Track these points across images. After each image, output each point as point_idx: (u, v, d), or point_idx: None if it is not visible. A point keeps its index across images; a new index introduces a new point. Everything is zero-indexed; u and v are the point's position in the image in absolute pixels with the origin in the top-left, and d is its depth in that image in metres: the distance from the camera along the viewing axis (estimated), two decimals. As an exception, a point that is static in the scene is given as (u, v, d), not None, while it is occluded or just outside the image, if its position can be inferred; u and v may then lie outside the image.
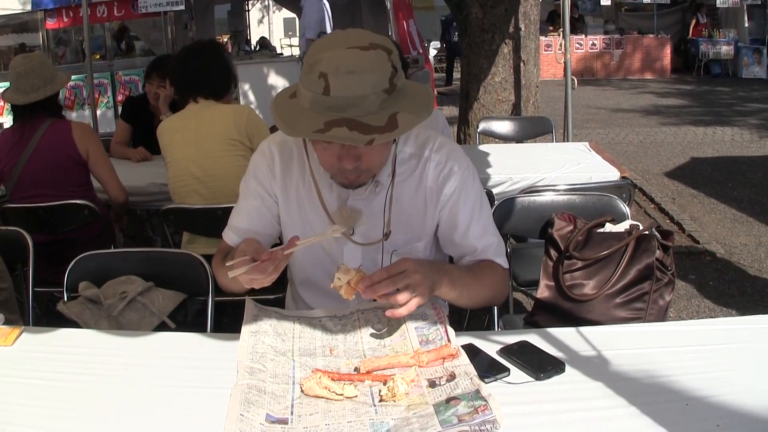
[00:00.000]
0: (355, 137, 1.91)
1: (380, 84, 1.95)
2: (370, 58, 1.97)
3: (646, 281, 2.61)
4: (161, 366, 2.11)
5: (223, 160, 4.01)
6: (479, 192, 2.43)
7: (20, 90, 4.32)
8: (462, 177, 2.36)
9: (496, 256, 2.42)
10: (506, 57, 7.77)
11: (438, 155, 2.36)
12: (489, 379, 1.93)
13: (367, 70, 1.94)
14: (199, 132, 4.09)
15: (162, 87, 5.57)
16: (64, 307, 2.82)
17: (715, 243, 6.76)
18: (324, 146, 2.11)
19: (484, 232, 2.41)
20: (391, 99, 1.98)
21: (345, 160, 2.09)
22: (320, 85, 1.94)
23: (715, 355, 2.07)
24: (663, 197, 8.26)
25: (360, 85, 1.93)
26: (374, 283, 2.00)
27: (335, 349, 2.13)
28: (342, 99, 1.92)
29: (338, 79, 1.92)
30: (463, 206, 2.36)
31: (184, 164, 4.14)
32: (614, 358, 2.06)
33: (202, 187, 4.10)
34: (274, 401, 1.85)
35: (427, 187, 2.36)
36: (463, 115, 8.20)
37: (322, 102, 1.94)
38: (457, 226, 2.38)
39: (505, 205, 3.47)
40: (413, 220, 2.38)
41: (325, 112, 1.94)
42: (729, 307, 5.39)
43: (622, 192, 3.92)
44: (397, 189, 2.33)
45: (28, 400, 1.94)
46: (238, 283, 2.20)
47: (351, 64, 1.94)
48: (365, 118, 1.93)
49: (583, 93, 16.41)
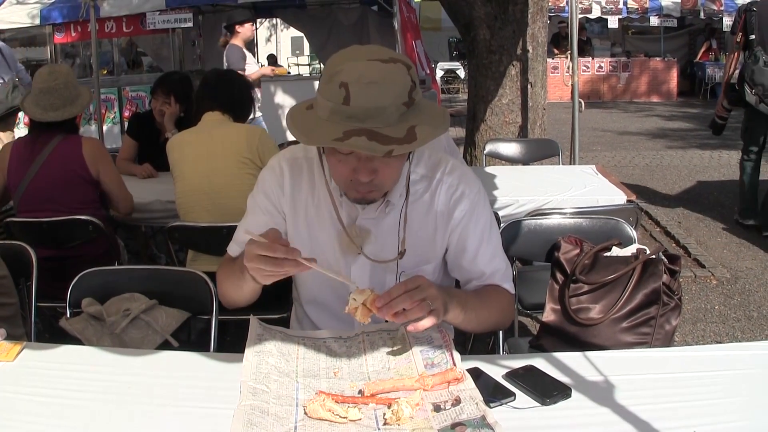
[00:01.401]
0: (374, 147, 1.91)
1: (400, 97, 1.97)
2: (390, 70, 1.98)
3: (653, 306, 2.60)
4: (164, 385, 2.10)
5: (233, 177, 4.02)
6: (489, 216, 2.43)
7: (39, 105, 4.33)
8: (473, 201, 2.36)
9: (504, 281, 2.42)
10: (514, 79, 7.77)
11: (450, 178, 2.36)
12: (494, 404, 1.92)
13: (388, 81, 1.96)
14: (211, 147, 4.12)
15: (167, 104, 5.57)
16: (67, 323, 2.81)
17: (720, 267, 6.74)
18: (339, 158, 2.10)
19: (492, 257, 2.40)
20: (409, 112, 1.99)
21: (361, 172, 2.07)
22: (341, 95, 1.95)
23: (722, 381, 2.06)
24: (669, 221, 8.24)
25: (381, 96, 1.94)
26: (392, 298, 1.97)
27: (339, 371, 2.11)
28: (362, 109, 1.93)
29: (359, 89, 1.93)
30: (473, 231, 2.36)
31: (194, 179, 4.15)
32: (621, 383, 2.04)
33: (210, 203, 4.10)
34: (277, 423, 1.83)
35: (438, 210, 2.36)
36: (470, 136, 8.20)
37: (342, 112, 1.95)
38: (466, 250, 2.37)
39: (512, 228, 3.45)
40: (422, 242, 2.37)
41: (344, 122, 1.94)
42: (735, 332, 5.37)
43: (629, 215, 3.90)
44: (408, 210, 2.32)
45: (29, 416, 1.92)
46: (240, 291, 2.24)
47: (372, 75, 1.95)
48: (384, 129, 1.93)
49: (589, 115, 16.42)
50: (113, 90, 12.83)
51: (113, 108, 12.80)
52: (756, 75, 6.98)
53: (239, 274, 2.19)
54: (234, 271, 2.25)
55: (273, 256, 1.97)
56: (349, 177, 2.12)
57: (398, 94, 1.97)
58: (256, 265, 2.00)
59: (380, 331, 2.30)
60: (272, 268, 1.98)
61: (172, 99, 5.56)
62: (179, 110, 5.61)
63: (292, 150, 2.45)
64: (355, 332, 2.31)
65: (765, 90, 6.94)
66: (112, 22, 11.55)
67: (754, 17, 7.13)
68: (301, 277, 2.48)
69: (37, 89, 4.35)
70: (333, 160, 2.14)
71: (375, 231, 2.33)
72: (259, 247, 1.97)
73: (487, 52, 7.71)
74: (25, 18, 11.98)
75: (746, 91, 7.10)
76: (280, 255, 1.96)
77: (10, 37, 14.14)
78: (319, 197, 2.34)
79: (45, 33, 13.72)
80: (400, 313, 1.99)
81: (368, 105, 1.93)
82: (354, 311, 2.02)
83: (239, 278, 2.20)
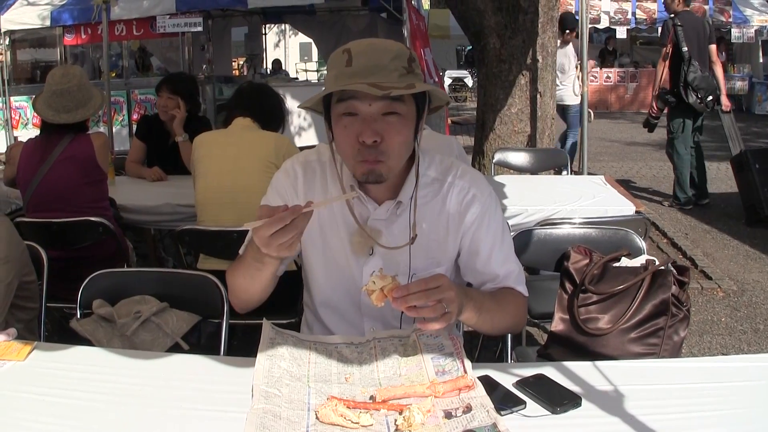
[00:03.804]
0: (374, 90, 2.03)
1: (399, 59, 2.14)
2: (390, 41, 2.22)
3: (662, 317, 2.60)
4: (175, 388, 2.10)
5: (257, 180, 4.04)
6: (501, 219, 2.45)
7: (51, 107, 4.34)
8: (485, 204, 2.38)
9: (517, 283, 2.42)
10: (523, 88, 7.78)
11: (461, 181, 2.38)
12: (505, 412, 1.92)
13: (388, 47, 2.16)
14: (240, 149, 4.19)
15: (171, 100, 5.60)
16: (78, 324, 2.82)
17: (727, 279, 6.73)
18: (345, 124, 2.16)
19: (506, 259, 2.41)
20: (409, 76, 2.15)
21: (366, 133, 2.12)
22: (343, 60, 2.13)
23: (730, 393, 2.06)
24: (676, 232, 8.23)
25: (381, 56, 2.12)
26: (410, 293, 1.97)
27: (351, 376, 2.12)
28: (363, 67, 2.10)
29: (361, 51, 2.13)
30: (486, 233, 2.37)
31: (218, 177, 4.19)
32: (630, 393, 2.04)
33: (231, 201, 4.10)
34: (289, 427, 1.83)
35: (450, 213, 2.37)
36: (479, 145, 8.20)
37: (345, 73, 2.11)
38: (479, 253, 2.38)
39: (521, 237, 3.45)
40: (434, 245, 2.38)
41: (348, 80, 2.10)
42: (741, 344, 5.36)
43: (638, 226, 3.90)
44: (419, 213, 2.33)
45: (39, 416, 1.93)
46: (257, 282, 2.24)
47: (373, 41, 2.20)
48: (384, 82, 2.07)
49: (597, 126, 16.42)
50: (122, 93, 12.90)
51: (122, 111, 12.87)
52: (699, 81, 8.44)
53: (255, 264, 2.17)
54: (248, 264, 2.23)
55: (283, 226, 1.95)
56: (355, 146, 2.16)
57: (397, 56, 2.14)
58: (276, 244, 1.97)
59: (391, 337, 2.31)
60: (291, 234, 1.96)
61: (179, 100, 5.58)
62: (186, 109, 5.65)
63: (305, 153, 2.48)
64: (367, 338, 2.32)
65: (706, 93, 8.49)
66: (122, 25, 11.61)
67: (680, 31, 8.49)
68: (314, 280, 2.49)
69: (49, 91, 4.36)
70: (339, 130, 2.20)
71: (386, 232, 2.34)
72: (268, 227, 1.95)
73: (496, 61, 7.72)
74: (35, 19, 12.05)
75: (689, 95, 8.52)
76: (288, 219, 1.95)
77: (21, 38, 14.22)
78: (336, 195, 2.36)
79: (55, 35, 13.76)
80: (413, 309, 1.99)
81: (369, 63, 2.10)
82: (371, 293, 2.02)
83: (256, 268, 2.18)
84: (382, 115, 2.13)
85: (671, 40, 8.61)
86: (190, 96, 5.75)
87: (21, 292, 2.95)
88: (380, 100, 2.11)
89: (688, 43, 8.44)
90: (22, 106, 13.10)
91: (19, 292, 2.94)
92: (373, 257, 2.34)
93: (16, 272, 2.87)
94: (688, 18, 8.69)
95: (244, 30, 17.74)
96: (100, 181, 4.50)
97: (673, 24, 8.59)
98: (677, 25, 8.53)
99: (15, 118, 13.10)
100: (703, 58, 8.59)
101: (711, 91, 8.54)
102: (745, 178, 8.67)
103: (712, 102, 8.63)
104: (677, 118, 8.93)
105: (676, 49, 8.59)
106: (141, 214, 4.99)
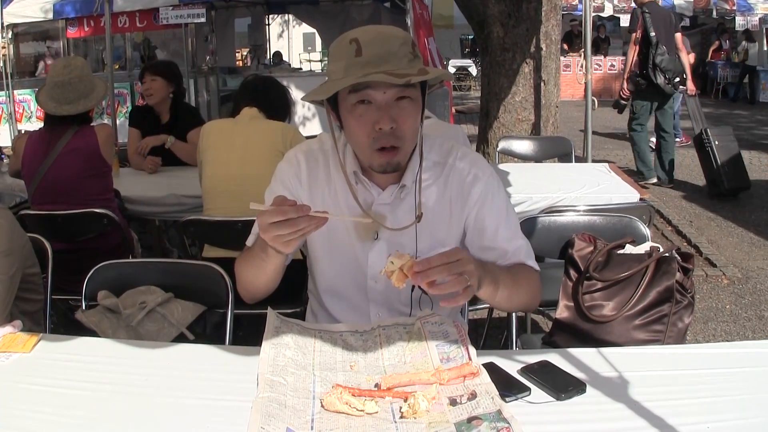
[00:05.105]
0: (392, 79, 2.06)
1: (406, 45, 2.15)
2: (392, 27, 2.26)
3: (666, 303, 2.60)
4: (180, 377, 2.11)
5: (265, 168, 3.99)
6: (505, 197, 2.45)
7: (54, 98, 4.34)
8: (487, 182, 2.38)
9: (528, 258, 2.41)
10: (527, 76, 7.78)
11: (462, 163, 2.39)
12: (510, 398, 1.93)
13: (395, 34, 2.18)
14: (248, 137, 4.19)
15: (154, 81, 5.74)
16: (83, 315, 2.82)
17: (732, 266, 6.73)
18: (360, 113, 2.17)
19: (513, 235, 2.40)
20: (415, 61, 2.16)
21: (383, 120, 2.14)
22: (352, 50, 2.12)
23: (735, 379, 2.06)
24: (680, 220, 8.23)
25: (389, 43, 2.13)
26: (431, 267, 1.96)
27: (356, 364, 2.12)
28: (375, 55, 2.10)
29: (369, 40, 2.12)
30: (490, 210, 2.37)
31: (226, 166, 4.19)
32: (635, 379, 2.05)
33: (239, 189, 4.08)
34: (294, 415, 1.84)
35: (452, 194, 2.38)
36: (483, 134, 8.20)
37: (357, 63, 2.11)
38: (485, 230, 2.37)
39: (526, 225, 3.44)
40: (438, 227, 2.38)
41: (361, 71, 2.09)
42: (746, 331, 5.36)
43: (642, 213, 3.90)
44: (422, 194, 2.34)
45: (45, 407, 1.94)
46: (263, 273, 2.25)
47: (378, 28, 2.21)
48: (398, 70, 2.09)
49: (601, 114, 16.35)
50: (126, 84, 12.87)
51: (126, 102, 12.85)
52: (666, 63, 9.00)
53: (261, 255, 2.19)
54: (254, 255, 2.25)
55: (286, 219, 1.96)
56: (371, 134, 2.17)
57: (403, 41, 2.15)
58: (273, 235, 1.98)
59: (396, 325, 2.31)
60: (289, 230, 1.96)
61: (161, 80, 5.73)
62: (170, 90, 5.79)
63: (308, 143, 2.50)
64: (371, 326, 2.32)
65: (673, 74, 9.07)
66: (125, 17, 11.59)
67: (648, 18, 9.07)
68: (318, 267, 2.50)
69: (51, 82, 4.36)
70: (353, 121, 2.20)
71: (391, 216, 2.35)
72: (270, 215, 1.96)
73: (500, 49, 7.72)
74: (38, 12, 12.04)
75: (657, 76, 9.05)
76: (292, 215, 1.95)
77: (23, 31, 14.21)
78: (336, 187, 2.36)
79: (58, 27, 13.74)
80: (435, 284, 1.98)
81: (380, 51, 2.10)
82: (390, 274, 2.01)
83: (262, 259, 2.20)
84: (395, 101, 2.15)
85: (640, 26, 9.19)
86: (173, 75, 5.88)
87: (25, 284, 2.95)
88: (394, 87, 2.13)
89: (656, 30, 9.03)
90: (26, 99, 13.09)
91: (23, 285, 2.94)
92: (378, 242, 2.35)
93: (19, 265, 2.87)
94: (655, 8, 9.33)
95: (247, 21, 17.75)
96: (104, 173, 4.50)
97: (642, 12, 9.20)
98: (645, 13, 9.13)
99: (19, 112, 13.08)
100: (670, 44, 9.17)
101: (678, 72, 9.18)
102: (705, 154, 9.31)
103: (678, 83, 9.25)
104: (641, 100, 9.57)
105: (645, 35, 9.15)
106: (145, 205, 4.99)
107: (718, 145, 9.21)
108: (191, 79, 13.18)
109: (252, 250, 2.30)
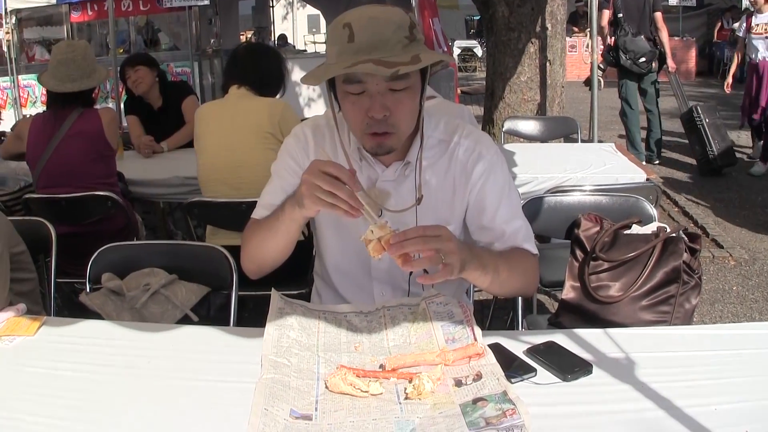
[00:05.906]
0: (380, 70, 2.00)
1: (401, 30, 2.08)
2: (389, 9, 2.14)
3: (673, 284, 2.58)
4: (184, 359, 2.11)
5: (254, 151, 4.01)
6: (507, 177, 2.43)
7: (56, 77, 4.34)
8: (490, 161, 2.37)
9: (525, 241, 2.39)
10: (532, 56, 7.75)
11: (467, 141, 2.38)
12: (516, 379, 1.92)
13: (389, 15, 2.10)
14: (234, 121, 4.11)
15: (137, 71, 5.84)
16: (87, 298, 2.82)
17: (738, 248, 6.71)
18: (353, 101, 2.16)
19: (512, 216, 2.38)
20: (412, 45, 2.09)
21: (374, 108, 2.12)
22: (345, 35, 2.07)
23: (743, 360, 2.04)
24: (687, 201, 8.21)
25: (383, 29, 2.06)
26: (406, 238, 1.93)
27: (360, 345, 2.12)
28: (367, 42, 2.05)
29: (362, 26, 2.07)
30: (491, 189, 2.35)
31: (216, 153, 4.15)
32: (642, 360, 2.03)
33: (232, 176, 4.08)
34: (298, 396, 1.84)
35: (456, 172, 2.37)
36: (488, 114, 8.18)
37: (349, 49, 2.06)
38: (485, 209, 2.36)
39: (532, 205, 3.44)
40: (441, 204, 2.37)
41: (352, 57, 2.05)
42: (752, 313, 5.35)
43: (649, 194, 3.88)
44: (427, 173, 2.34)
45: (50, 390, 1.94)
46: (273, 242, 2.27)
47: (372, 12, 2.10)
48: (390, 57, 2.03)
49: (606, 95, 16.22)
50: (130, 69, 12.85)
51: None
52: (628, 44, 9.32)
53: (275, 223, 2.21)
54: (267, 222, 2.27)
55: (336, 175, 1.97)
56: (364, 120, 2.16)
57: (399, 26, 2.08)
58: (316, 181, 1.98)
59: (401, 305, 2.30)
60: (328, 189, 1.97)
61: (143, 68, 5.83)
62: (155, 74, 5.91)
63: (315, 118, 2.50)
64: (376, 307, 2.32)
65: (635, 55, 9.35)
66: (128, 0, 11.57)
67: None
68: (325, 245, 2.50)
69: (55, 61, 4.36)
70: (347, 105, 2.19)
71: (395, 193, 2.34)
72: (326, 164, 1.98)
73: (505, 29, 7.69)
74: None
75: (621, 56, 9.42)
76: (344, 177, 1.97)
77: (27, 16, 14.21)
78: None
79: (62, 12, 13.75)
80: (409, 259, 1.95)
81: (372, 38, 2.05)
82: (368, 243, 1.98)
83: (275, 227, 2.21)
84: (390, 89, 2.12)
85: (611, 6, 9.51)
86: (151, 61, 5.97)
87: (14, 264, 2.93)
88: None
89: (625, 11, 9.34)
90: (30, 84, 13.10)
91: (13, 265, 2.92)
92: (381, 219, 2.33)
93: (3, 244, 2.85)
94: None
95: (251, 3, 17.72)
96: (108, 156, 4.50)
97: None
98: None
99: (23, 97, 13.10)
100: (643, 24, 9.38)
101: (641, 53, 9.36)
102: (696, 132, 9.53)
103: (645, 63, 9.44)
104: (621, 79, 9.86)
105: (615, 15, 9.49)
106: (150, 187, 5.00)
107: (708, 123, 9.40)
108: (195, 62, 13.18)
109: (265, 219, 2.32)
